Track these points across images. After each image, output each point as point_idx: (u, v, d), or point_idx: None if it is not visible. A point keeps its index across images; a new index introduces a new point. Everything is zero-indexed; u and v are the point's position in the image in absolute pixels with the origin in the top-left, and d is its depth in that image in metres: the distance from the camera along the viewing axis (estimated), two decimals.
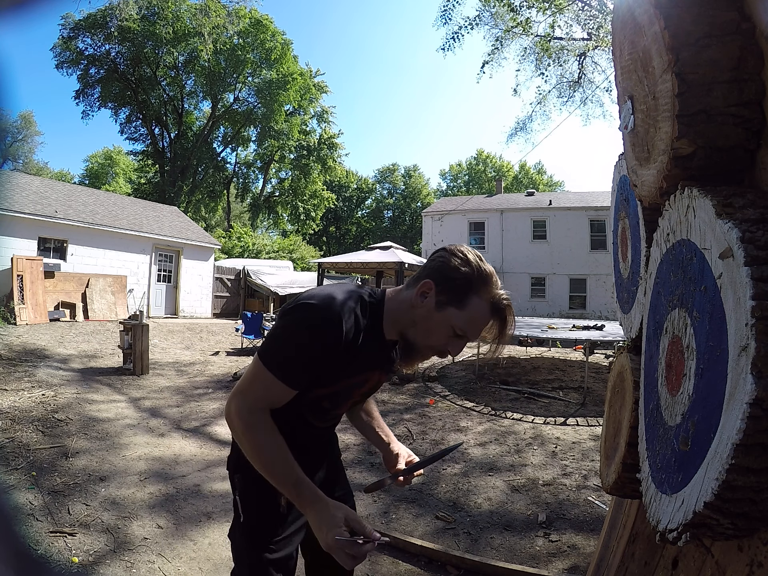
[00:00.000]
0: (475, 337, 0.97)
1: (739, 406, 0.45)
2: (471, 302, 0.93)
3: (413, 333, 0.98)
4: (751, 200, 0.53)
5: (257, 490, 1.03)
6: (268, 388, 0.92)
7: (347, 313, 0.93)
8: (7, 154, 28.89)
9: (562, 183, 45.57)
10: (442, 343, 0.96)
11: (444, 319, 0.93)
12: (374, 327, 0.99)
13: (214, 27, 24.96)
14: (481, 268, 0.95)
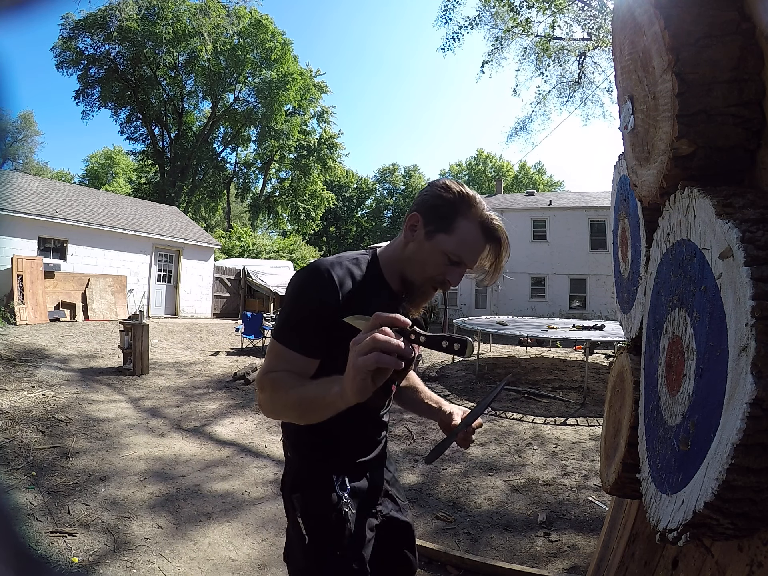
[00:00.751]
0: (471, 262, 0.95)
1: (739, 406, 0.45)
2: (459, 225, 0.93)
3: (410, 270, 0.97)
4: (751, 200, 0.53)
5: (319, 505, 1.01)
6: (280, 356, 0.92)
7: (336, 266, 0.93)
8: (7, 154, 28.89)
9: (562, 183, 45.63)
10: (439, 273, 0.95)
11: (435, 247, 0.93)
12: (376, 277, 0.99)
13: (214, 27, 24.96)
14: (464, 191, 0.95)
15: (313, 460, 1.05)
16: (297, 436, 1.07)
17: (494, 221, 0.95)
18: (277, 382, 0.89)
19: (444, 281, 0.95)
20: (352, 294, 0.92)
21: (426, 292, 0.98)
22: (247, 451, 3.91)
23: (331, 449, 1.05)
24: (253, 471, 3.49)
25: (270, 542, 2.52)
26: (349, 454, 1.07)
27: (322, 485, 1.02)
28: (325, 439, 1.05)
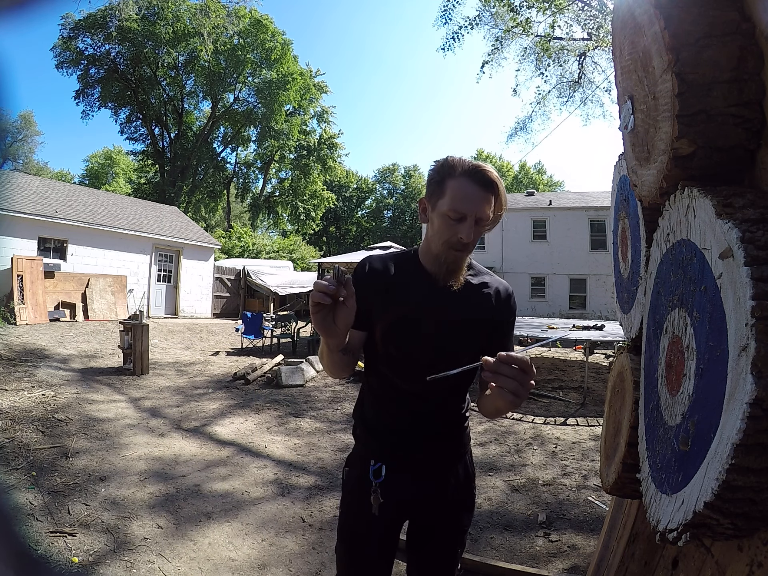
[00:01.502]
0: (472, 211, 0.97)
1: (739, 406, 0.45)
2: (448, 185, 0.99)
3: (434, 245, 1.04)
4: (751, 200, 0.53)
5: (354, 484, 1.12)
6: None
7: (374, 257, 1.14)
8: (7, 154, 28.90)
9: (562, 183, 45.62)
10: (451, 234, 0.99)
11: (439, 213, 1.00)
12: (414, 266, 1.10)
13: (214, 27, 24.96)
14: (446, 158, 1.03)
15: (360, 441, 1.17)
16: (356, 420, 1.20)
17: (479, 167, 0.99)
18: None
19: (457, 240, 0.99)
20: (378, 270, 1.10)
21: (450, 259, 1.03)
22: (247, 451, 3.91)
23: (373, 435, 1.13)
24: (253, 471, 3.49)
25: (270, 542, 2.52)
26: (390, 444, 1.10)
27: (361, 466, 1.11)
28: (370, 422, 1.15)
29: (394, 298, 1.06)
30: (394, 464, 1.09)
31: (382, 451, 1.10)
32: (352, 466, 1.17)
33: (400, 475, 1.09)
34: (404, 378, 1.08)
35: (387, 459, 1.09)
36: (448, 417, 1.15)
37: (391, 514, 1.09)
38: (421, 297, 1.06)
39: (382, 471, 1.07)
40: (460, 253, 1.02)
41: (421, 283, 1.08)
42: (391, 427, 1.11)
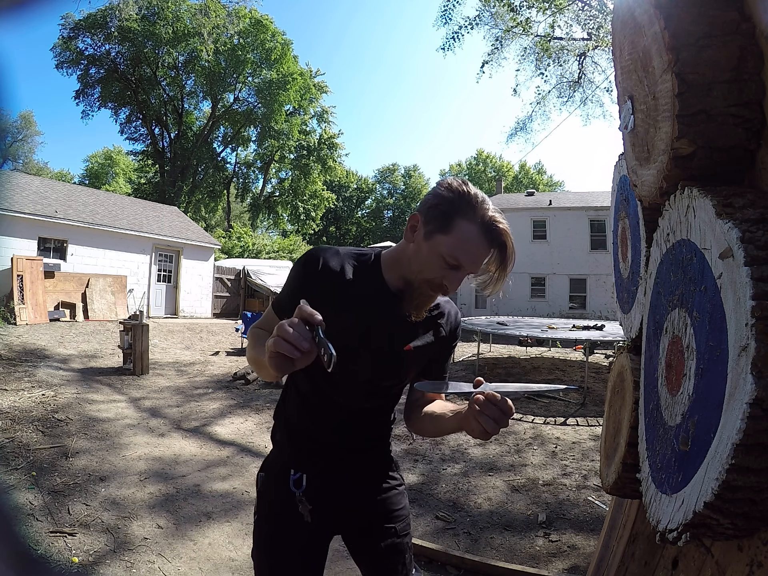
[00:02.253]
0: (471, 266, 0.89)
1: (739, 406, 0.45)
2: (457, 225, 0.87)
3: (409, 271, 0.94)
4: (751, 200, 0.53)
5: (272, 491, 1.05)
6: (266, 315, 1.04)
7: (332, 251, 0.98)
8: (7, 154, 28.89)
9: (562, 183, 45.62)
10: (437, 276, 0.90)
11: (433, 248, 0.89)
12: (374, 275, 0.98)
13: (214, 27, 24.96)
14: (464, 189, 0.89)
15: (279, 448, 1.09)
16: (276, 424, 1.12)
17: (499, 223, 0.88)
18: (251, 338, 1.00)
19: (441, 285, 0.91)
20: (337, 283, 0.95)
21: (424, 295, 0.94)
22: (247, 451, 3.91)
23: (295, 445, 1.05)
24: (253, 471, 3.49)
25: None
26: (311, 454, 1.04)
27: (279, 474, 1.04)
28: (293, 434, 1.06)
29: (344, 310, 0.94)
30: (316, 473, 1.03)
31: (303, 460, 1.04)
32: (268, 471, 1.08)
33: (323, 485, 1.03)
34: (338, 390, 1.01)
35: (308, 468, 1.03)
36: (376, 431, 1.10)
37: (316, 524, 1.02)
38: (374, 317, 0.96)
39: (303, 480, 1.01)
40: (437, 295, 0.94)
41: (377, 295, 0.97)
42: (316, 435, 1.04)
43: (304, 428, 1.05)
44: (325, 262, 0.95)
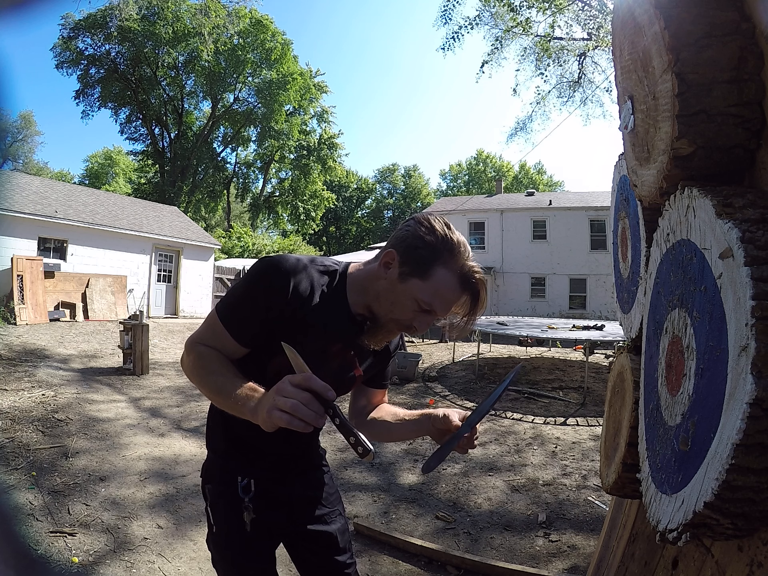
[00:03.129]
0: (443, 312, 0.90)
1: (739, 406, 0.45)
2: (436, 273, 0.86)
3: (377, 306, 0.92)
4: (751, 200, 0.53)
5: (224, 503, 1.03)
6: (213, 330, 0.93)
7: (300, 268, 0.91)
8: (7, 154, 28.88)
9: (562, 183, 45.61)
10: (407, 318, 0.90)
11: (407, 291, 0.87)
12: (338, 295, 0.95)
13: (214, 27, 24.96)
14: (448, 236, 0.88)
15: (222, 456, 1.07)
16: (212, 431, 1.09)
17: (476, 274, 0.89)
18: (204, 359, 0.91)
19: (410, 326, 0.91)
20: (300, 295, 0.90)
21: (390, 331, 0.94)
22: None
23: (240, 452, 1.04)
24: None
25: None
26: (258, 463, 1.04)
27: (228, 483, 1.03)
28: (236, 442, 1.04)
29: (307, 330, 0.92)
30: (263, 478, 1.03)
31: (248, 466, 1.03)
32: (213, 481, 1.06)
33: (270, 488, 1.04)
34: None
35: (254, 473, 1.03)
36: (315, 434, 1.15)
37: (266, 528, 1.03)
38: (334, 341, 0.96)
39: (251, 486, 1.00)
40: (401, 332, 0.96)
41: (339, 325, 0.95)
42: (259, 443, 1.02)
43: (247, 436, 1.02)
44: (295, 283, 0.89)
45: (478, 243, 21.20)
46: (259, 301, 0.89)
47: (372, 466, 3.68)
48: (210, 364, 0.90)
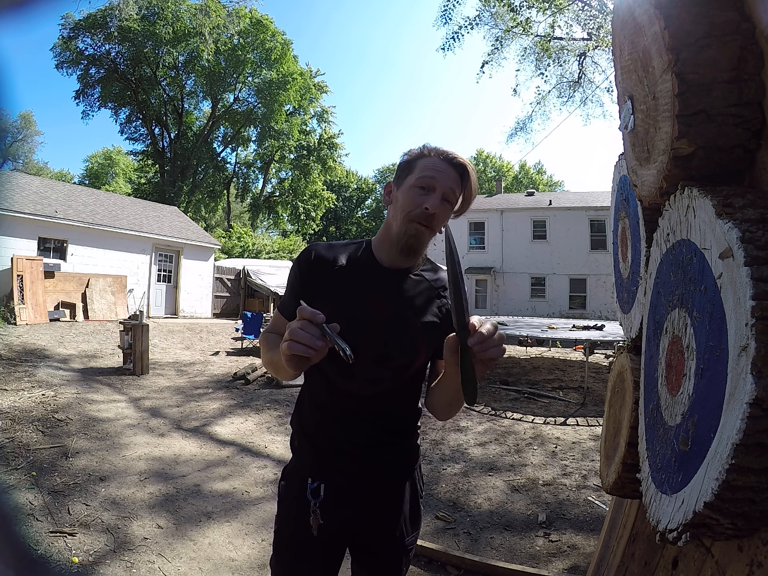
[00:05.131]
0: (441, 182, 0.95)
1: (739, 406, 0.45)
2: (418, 164, 0.98)
3: (395, 224, 0.99)
4: (751, 200, 0.53)
5: (291, 502, 1.05)
6: (273, 318, 1.09)
7: (323, 245, 1.06)
8: (7, 154, 28.88)
9: (562, 183, 45.61)
10: (416, 206, 0.95)
11: (406, 187, 0.98)
12: (366, 256, 1.04)
13: (214, 27, 24.96)
14: (421, 146, 1.01)
15: (296, 454, 1.09)
16: (293, 429, 1.12)
17: (452, 152, 0.98)
18: (263, 343, 1.04)
19: (421, 211, 0.94)
20: (332, 271, 1.00)
21: (411, 232, 0.96)
22: (247, 451, 3.91)
23: (312, 447, 1.04)
24: (253, 471, 3.50)
25: (270, 542, 2.52)
26: (330, 462, 1.02)
27: (298, 483, 1.03)
28: (309, 434, 1.05)
29: (340, 287, 0.98)
30: (334, 481, 1.01)
31: (321, 467, 1.02)
32: (288, 480, 1.08)
33: (341, 494, 1.01)
34: (345, 376, 0.97)
35: (326, 476, 1.01)
36: (394, 425, 1.04)
37: (332, 535, 1.01)
38: (370, 286, 0.99)
39: (320, 490, 0.99)
40: (423, 227, 0.95)
41: (372, 272, 1.01)
42: (332, 435, 1.02)
43: (322, 432, 1.03)
44: (317, 254, 1.02)
45: (478, 243, 21.20)
46: (294, 278, 1.04)
47: None
48: (268, 343, 1.02)
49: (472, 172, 0.99)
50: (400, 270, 1.01)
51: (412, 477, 1.09)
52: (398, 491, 1.06)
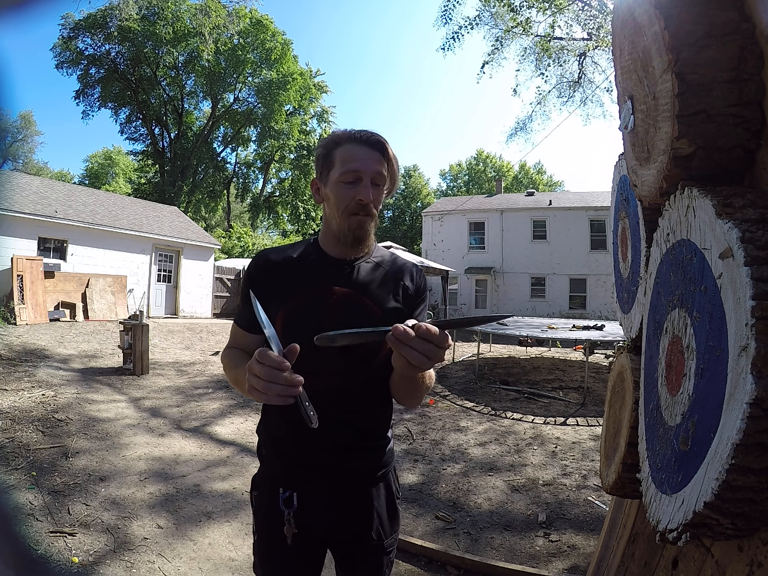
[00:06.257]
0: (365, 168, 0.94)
1: (739, 406, 0.45)
2: (336, 155, 0.97)
3: (334, 221, 0.99)
4: (751, 200, 0.53)
5: (265, 513, 1.02)
6: (232, 332, 1.08)
7: (270, 249, 1.07)
8: (7, 154, 28.87)
9: (562, 183, 45.58)
10: (349, 200, 0.95)
11: (332, 183, 0.97)
12: (314, 252, 1.04)
13: (214, 27, 24.96)
14: (331, 132, 1.02)
15: (266, 463, 1.06)
16: (259, 438, 1.09)
17: (363, 130, 0.98)
18: (224, 359, 1.04)
19: (356, 203, 0.94)
20: (282, 270, 1.01)
21: (353, 226, 0.96)
22: (247, 451, 3.91)
23: (281, 456, 1.02)
24: (253, 471, 3.47)
25: None
26: (300, 471, 0.99)
27: (270, 493, 1.00)
28: (276, 442, 1.03)
29: (295, 286, 0.98)
30: (306, 490, 0.99)
31: (291, 476, 0.99)
32: (260, 489, 1.06)
33: (315, 501, 0.99)
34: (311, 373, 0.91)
35: (298, 485, 0.98)
36: (365, 424, 1.01)
37: (309, 542, 1.00)
38: (325, 278, 0.99)
39: (293, 499, 0.97)
40: (362, 217, 0.96)
41: (323, 265, 1.01)
42: (301, 441, 0.98)
43: (290, 439, 1.00)
44: (266, 260, 1.03)
45: (478, 243, 21.20)
46: (245, 287, 1.02)
47: None
48: (230, 360, 1.01)
49: (389, 147, 0.98)
50: (352, 260, 1.02)
51: (387, 479, 1.07)
52: (373, 495, 1.04)
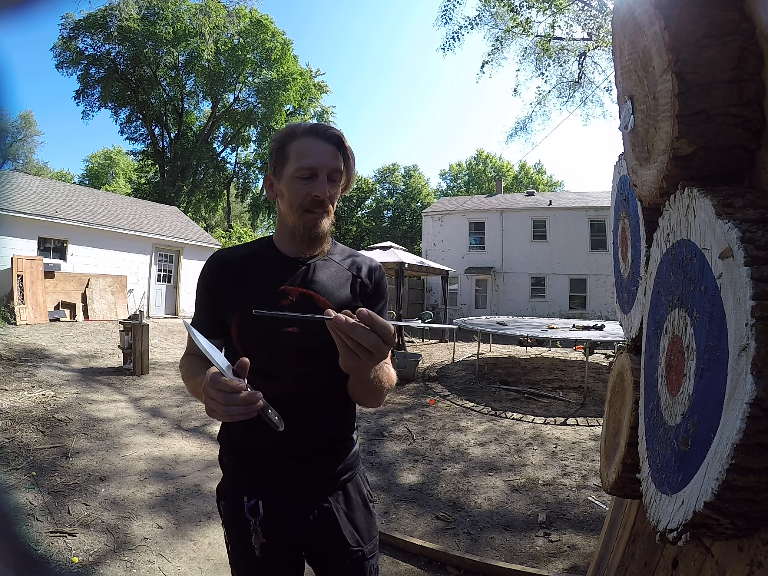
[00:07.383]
0: (320, 164, 0.91)
1: (739, 406, 0.45)
2: (291, 149, 0.93)
3: (289, 218, 0.96)
4: (751, 200, 0.53)
5: (233, 522, 0.99)
6: (189, 338, 1.00)
7: (224, 251, 1.04)
8: (7, 154, 28.87)
9: (562, 183, 45.56)
10: (303, 194, 0.91)
11: (287, 179, 0.93)
12: (269, 250, 1.01)
13: (214, 27, 24.97)
14: (286, 125, 0.99)
15: (230, 473, 1.02)
16: (221, 446, 1.05)
17: (318, 123, 0.95)
18: (182, 368, 1.00)
19: (312, 199, 0.92)
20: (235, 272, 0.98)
21: (309, 224, 0.93)
22: None
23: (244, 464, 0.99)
24: None
25: None
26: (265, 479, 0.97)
27: (236, 503, 0.97)
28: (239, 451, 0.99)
29: (249, 287, 0.95)
30: (271, 497, 0.95)
31: (254, 483, 0.97)
32: (225, 499, 1.01)
33: (282, 508, 0.95)
34: (268, 377, 0.91)
35: (262, 492, 0.95)
36: (327, 428, 0.98)
37: (281, 550, 0.96)
38: (279, 278, 0.95)
39: (259, 507, 0.93)
40: (318, 214, 0.93)
41: (278, 265, 0.97)
42: (262, 448, 0.95)
43: (251, 446, 0.97)
44: (220, 262, 1.00)
45: (478, 243, 21.20)
46: (199, 292, 1.01)
47: (372, 466, 3.67)
48: (188, 369, 0.96)
49: (345, 141, 0.95)
50: (307, 258, 0.99)
51: (355, 482, 1.04)
52: (342, 499, 1.01)
